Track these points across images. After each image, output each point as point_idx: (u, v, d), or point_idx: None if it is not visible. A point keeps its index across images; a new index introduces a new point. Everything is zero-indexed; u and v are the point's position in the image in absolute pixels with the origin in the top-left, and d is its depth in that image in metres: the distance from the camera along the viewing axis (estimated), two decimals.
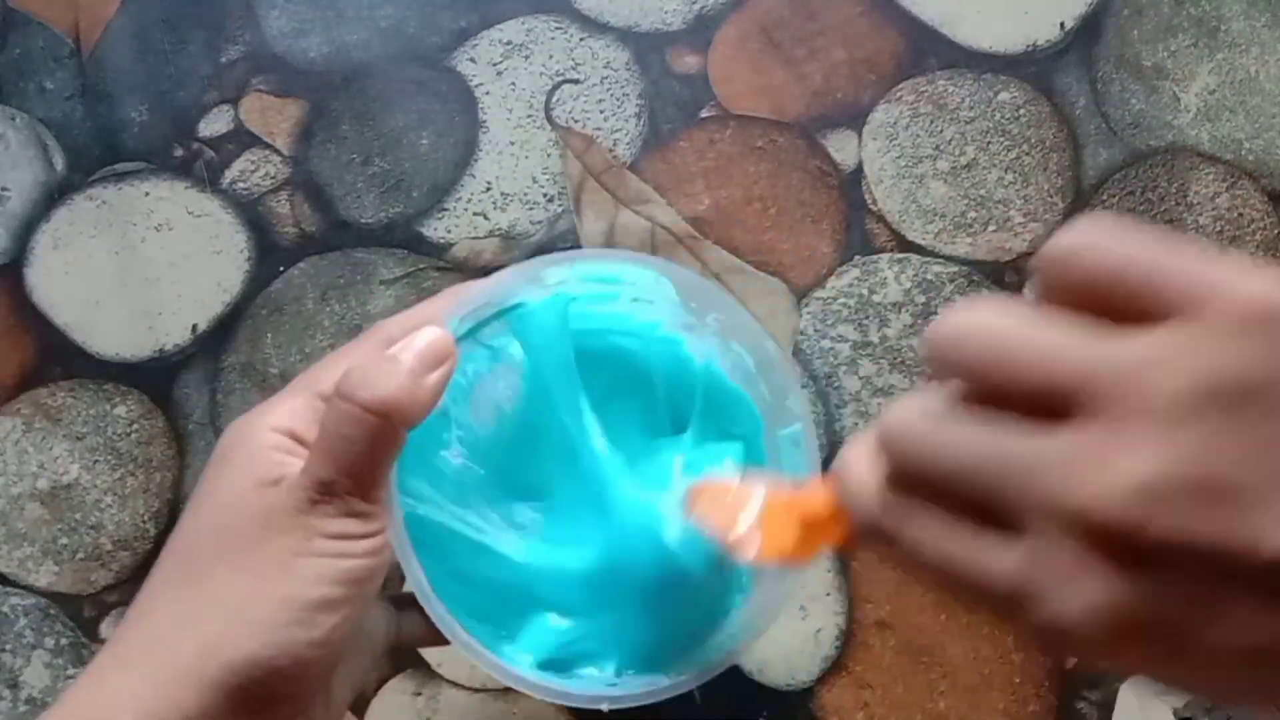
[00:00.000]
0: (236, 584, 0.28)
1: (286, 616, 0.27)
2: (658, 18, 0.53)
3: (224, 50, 0.53)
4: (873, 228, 0.51)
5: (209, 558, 0.28)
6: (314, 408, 0.30)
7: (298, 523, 0.28)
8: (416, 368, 0.29)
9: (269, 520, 0.28)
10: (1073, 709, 0.47)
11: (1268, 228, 0.52)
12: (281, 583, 0.27)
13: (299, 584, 0.28)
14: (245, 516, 0.28)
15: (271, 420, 0.30)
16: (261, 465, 0.29)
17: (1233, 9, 0.54)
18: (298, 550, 0.28)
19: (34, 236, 0.52)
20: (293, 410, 0.30)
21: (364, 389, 0.28)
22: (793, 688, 0.47)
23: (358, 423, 0.28)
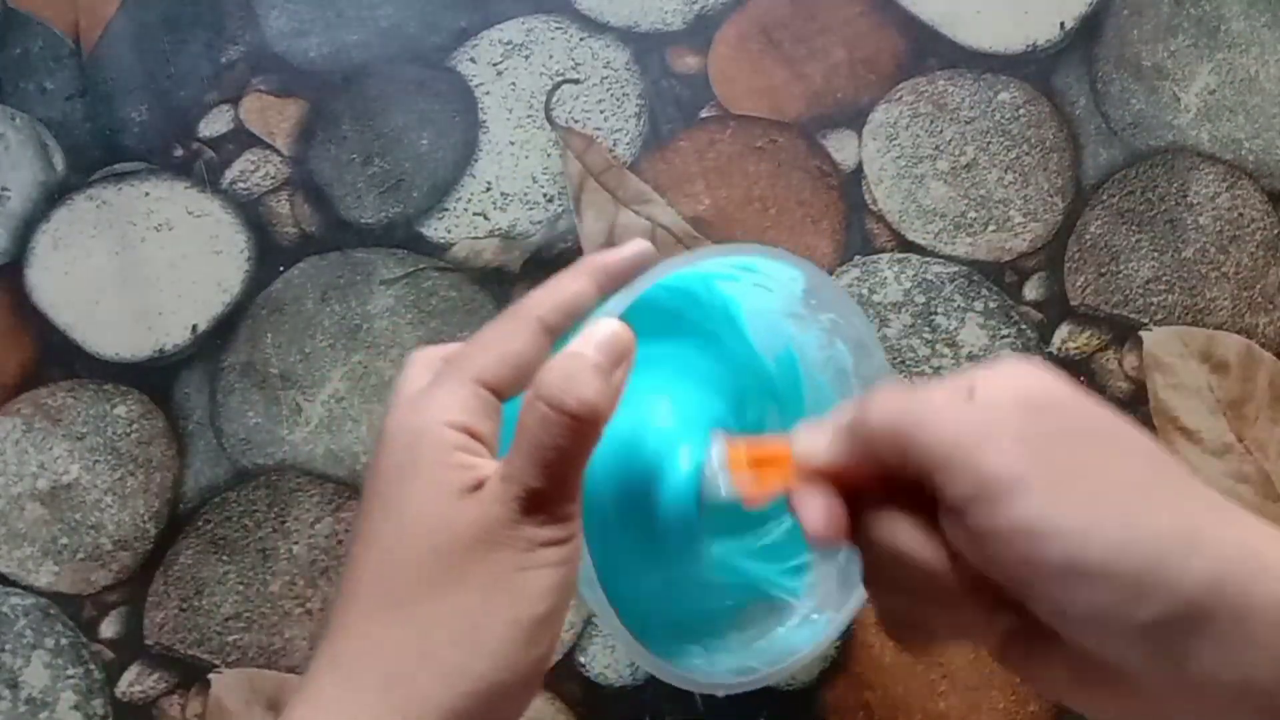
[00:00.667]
0: (463, 605, 0.27)
1: (518, 636, 0.27)
2: (658, 18, 0.53)
3: (224, 50, 0.53)
4: (873, 228, 0.51)
5: (425, 578, 0.27)
6: (481, 399, 0.29)
7: (516, 535, 0.27)
8: (605, 365, 0.28)
9: (484, 534, 0.27)
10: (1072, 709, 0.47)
11: (1268, 228, 0.52)
12: (509, 601, 0.27)
13: (526, 601, 0.27)
14: (458, 532, 0.27)
15: (444, 416, 0.28)
16: (455, 472, 0.28)
17: (1233, 9, 0.54)
18: (520, 565, 0.27)
19: (34, 236, 0.52)
20: (461, 403, 0.29)
21: (569, 395, 0.27)
22: (793, 688, 0.47)
23: (565, 430, 0.27)
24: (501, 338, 0.30)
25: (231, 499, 0.49)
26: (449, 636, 0.27)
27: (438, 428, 0.28)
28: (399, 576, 0.27)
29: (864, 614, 0.47)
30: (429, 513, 0.27)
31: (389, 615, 0.27)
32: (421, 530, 0.27)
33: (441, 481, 0.27)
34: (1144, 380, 0.50)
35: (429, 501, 0.27)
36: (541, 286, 0.32)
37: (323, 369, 0.50)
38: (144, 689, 0.47)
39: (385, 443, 0.29)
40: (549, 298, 0.31)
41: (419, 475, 0.28)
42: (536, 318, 0.30)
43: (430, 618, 0.27)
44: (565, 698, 0.47)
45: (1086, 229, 0.52)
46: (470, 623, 0.27)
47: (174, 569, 0.48)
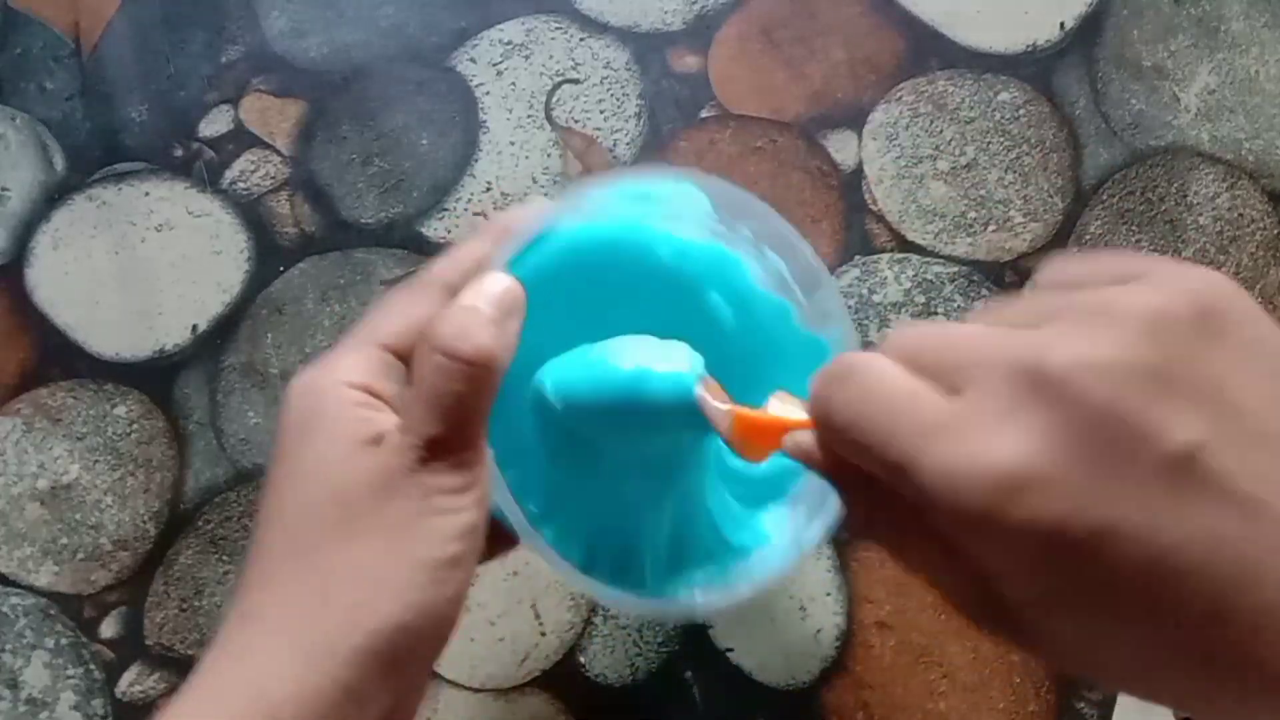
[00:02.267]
0: (367, 550, 0.27)
1: (422, 578, 0.27)
2: (658, 18, 0.53)
3: (224, 50, 0.53)
4: (873, 228, 0.51)
5: (329, 526, 0.27)
6: (382, 359, 0.30)
7: (414, 482, 0.28)
8: (497, 316, 0.29)
9: (384, 482, 0.27)
10: (1072, 709, 0.47)
11: (1268, 228, 0.52)
12: (411, 545, 0.27)
13: (429, 544, 0.27)
14: (357, 480, 0.28)
15: (344, 375, 0.29)
16: (354, 425, 0.28)
17: (1233, 9, 0.54)
18: (421, 510, 0.28)
19: (34, 236, 0.52)
20: (362, 363, 0.29)
21: (463, 342, 0.28)
22: (793, 688, 0.47)
23: (463, 376, 0.28)
24: (404, 303, 0.31)
25: (231, 499, 0.49)
26: (352, 579, 0.27)
27: (338, 387, 0.28)
28: (301, 526, 0.28)
29: (863, 613, 0.47)
30: (329, 464, 0.28)
31: (294, 564, 0.27)
32: (322, 480, 0.28)
33: (341, 434, 0.28)
34: None
35: (329, 453, 0.28)
36: (444, 253, 0.32)
37: None
38: (144, 689, 0.47)
39: (288, 402, 0.29)
40: (451, 263, 0.31)
41: (320, 430, 0.28)
42: (440, 282, 0.30)
43: (333, 563, 0.27)
44: (565, 698, 0.47)
45: (1086, 229, 0.52)
46: (372, 566, 0.27)
47: (174, 569, 0.48)
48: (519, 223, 0.33)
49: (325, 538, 0.27)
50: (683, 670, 0.47)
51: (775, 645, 0.47)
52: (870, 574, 0.48)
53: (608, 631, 0.47)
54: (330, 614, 0.27)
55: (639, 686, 0.47)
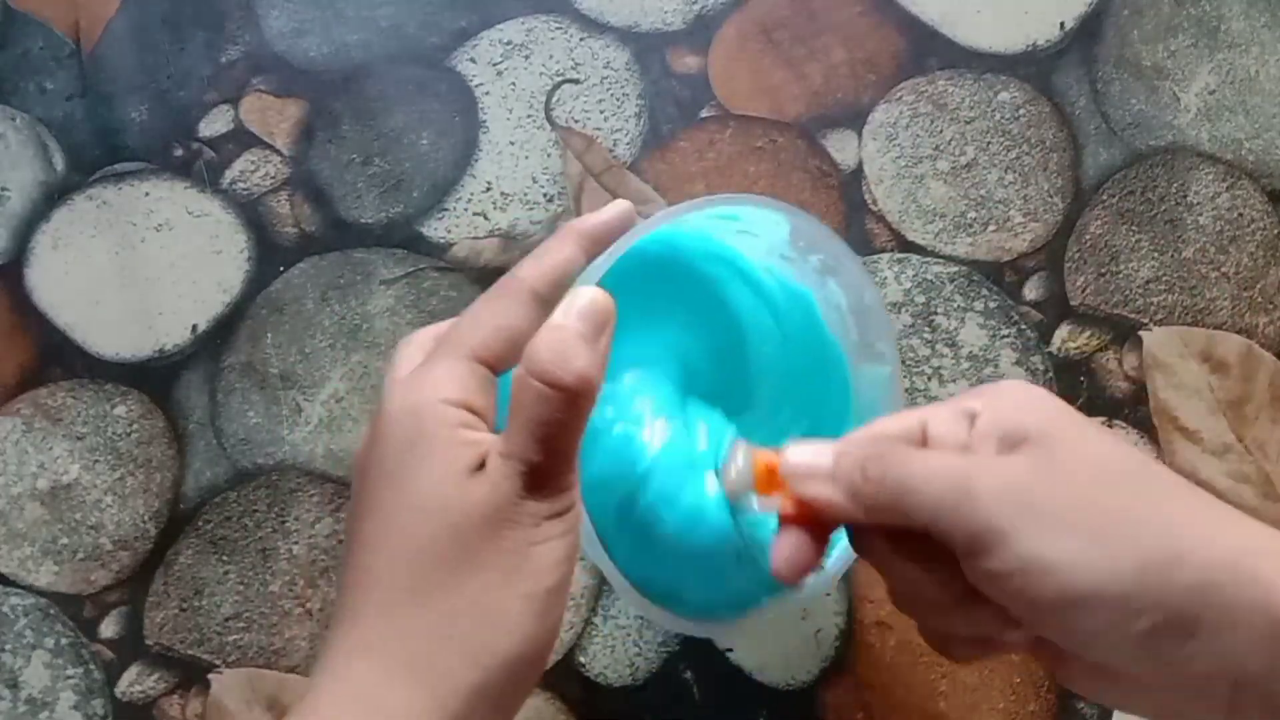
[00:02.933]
0: (481, 586, 0.28)
1: (533, 610, 0.28)
2: (658, 18, 0.53)
3: (224, 50, 0.53)
4: (873, 228, 0.51)
5: (445, 560, 0.28)
6: (477, 374, 0.29)
7: (522, 511, 0.28)
8: (590, 333, 0.29)
9: (494, 513, 0.28)
10: (1072, 709, 0.47)
11: (1268, 228, 0.52)
12: (523, 577, 0.28)
13: (537, 575, 0.28)
14: (469, 512, 0.28)
15: (443, 393, 0.29)
16: (460, 449, 0.28)
17: (1233, 9, 0.54)
18: (530, 540, 0.28)
19: (34, 236, 0.52)
20: (459, 379, 0.29)
21: (563, 370, 0.28)
22: (793, 688, 0.47)
23: (563, 404, 0.28)
24: (493, 312, 0.30)
25: (231, 499, 0.49)
26: (470, 617, 0.27)
27: (438, 406, 0.28)
28: (417, 560, 0.28)
29: (863, 614, 0.47)
30: (440, 493, 0.28)
31: (411, 598, 0.28)
32: (434, 511, 0.28)
33: (448, 460, 0.28)
34: (1144, 380, 0.50)
35: (438, 482, 0.28)
36: (529, 256, 0.32)
37: (323, 369, 0.50)
38: (144, 689, 0.47)
39: (385, 423, 0.29)
40: (536, 267, 0.31)
41: (427, 455, 0.28)
42: (528, 289, 0.31)
43: (451, 600, 0.27)
44: (565, 698, 0.47)
45: (1086, 229, 0.52)
46: (488, 602, 0.27)
47: (174, 569, 0.48)
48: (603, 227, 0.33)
49: (441, 572, 0.28)
50: (683, 670, 0.47)
51: (775, 645, 0.47)
52: (870, 574, 0.48)
53: (608, 631, 0.47)
54: (450, 653, 0.27)
55: (639, 686, 0.47)
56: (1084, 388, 0.50)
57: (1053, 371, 0.50)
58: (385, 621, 0.28)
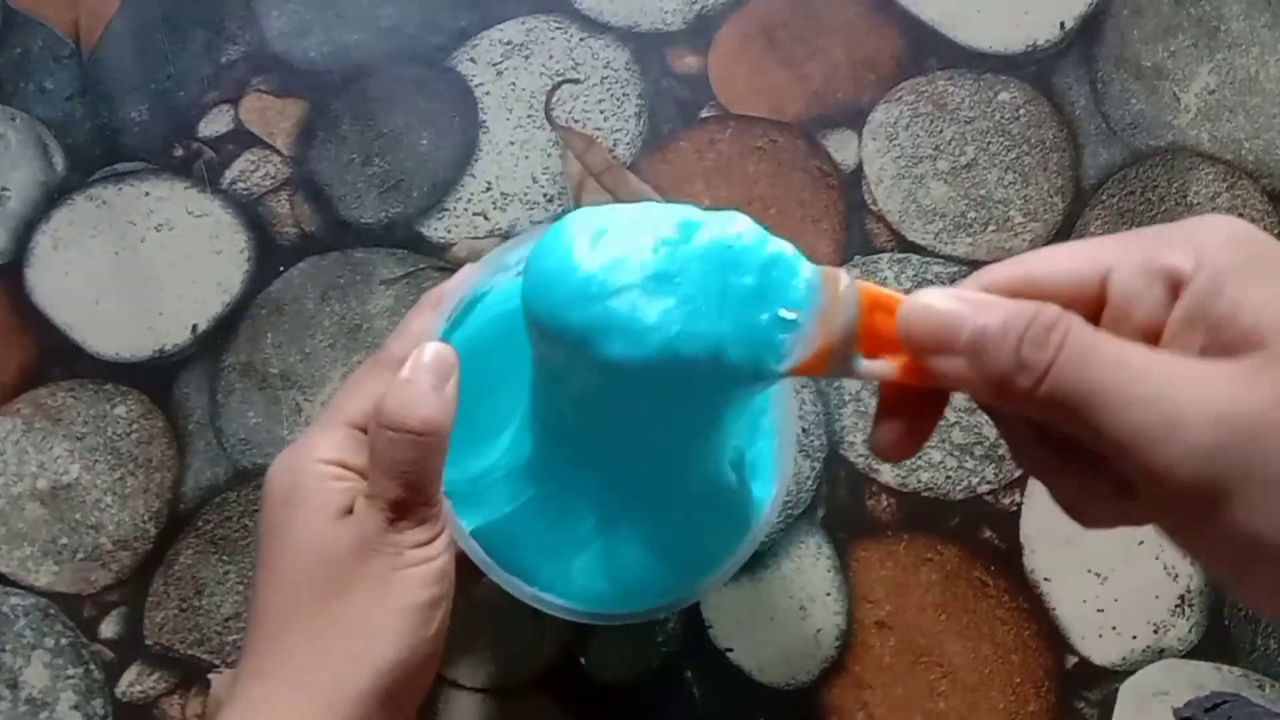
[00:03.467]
0: (356, 605, 0.31)
1: (408, 622, 0.31)
2: (658, 18, 0.53)
3: (224, 50, 0.53)
4: (873, 228, 0.51)
5: (320, 588, 0.31)
6: (351, 436, 0.33)
7: (386, 541, 0.31)
8: (435, 383, 0.32)
9: (361, 545, 0.31)
10: (1072, 709, 0.47)
11: (1268, 228, 0.52)
12: (393, 596, 0.31)
13: (407, 593, 0.31)
14: (338, 546, 0.31)
15: (318, 454, 0.33)
16: (330, 498, 0.32)
17: (1233, 9, 0.54)
18: (394, 566, 0.31)
19: (34, 236, 0.52)
20: (333, 442, 0.33)
21: (407, 415, 0.31)
22: (793, 687, 0.47)
23: (413, 445, 0.31)
24: (363, 382, 0.35)
25: (231, 499, 0.49)
26: (346, 632, 0.31)
27: (311, 463, 0.32)
28: (297, 590, 0.31)
29: (863, 613, 0.48)
30: (313, 534, 0.32)
31: (294, 624, 0.31)
32: (310, 549, 0.31)
33: (320, 508, 0.32)
34: None
35: (312, 525, 0.32)
36: (396, 330, 0.36)
37: (323, 369, 0.50)
38: (144, 689, 0.47)
39: (271, 482, 0.33)
40: (399, 340, 0.35)
41: (302, 504, 0.32)
42: (396, 360, 0.34)
43: (326, 620, 0.31)
44: (565, 698, 0.47)
45: (1087, 229, 0.52)
46: (361, 618, 0.31)
47: (174, 569, 0.48)
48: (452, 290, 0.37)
49: (319, 598, 0.31)
50: (683, 670, 0.47)
51: (775, 645, 0.47)
52: (870, 574, 0.48)
53: (608, 631, 0.47)
54: (333, 664, 0.30)
55: (639, 686, 0.47)
56: None
57: None
58: (272, 648, 0.31)
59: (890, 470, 0.49)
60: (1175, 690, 0.47)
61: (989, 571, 0.48)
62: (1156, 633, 0.47)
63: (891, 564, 0.48)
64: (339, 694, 0.30)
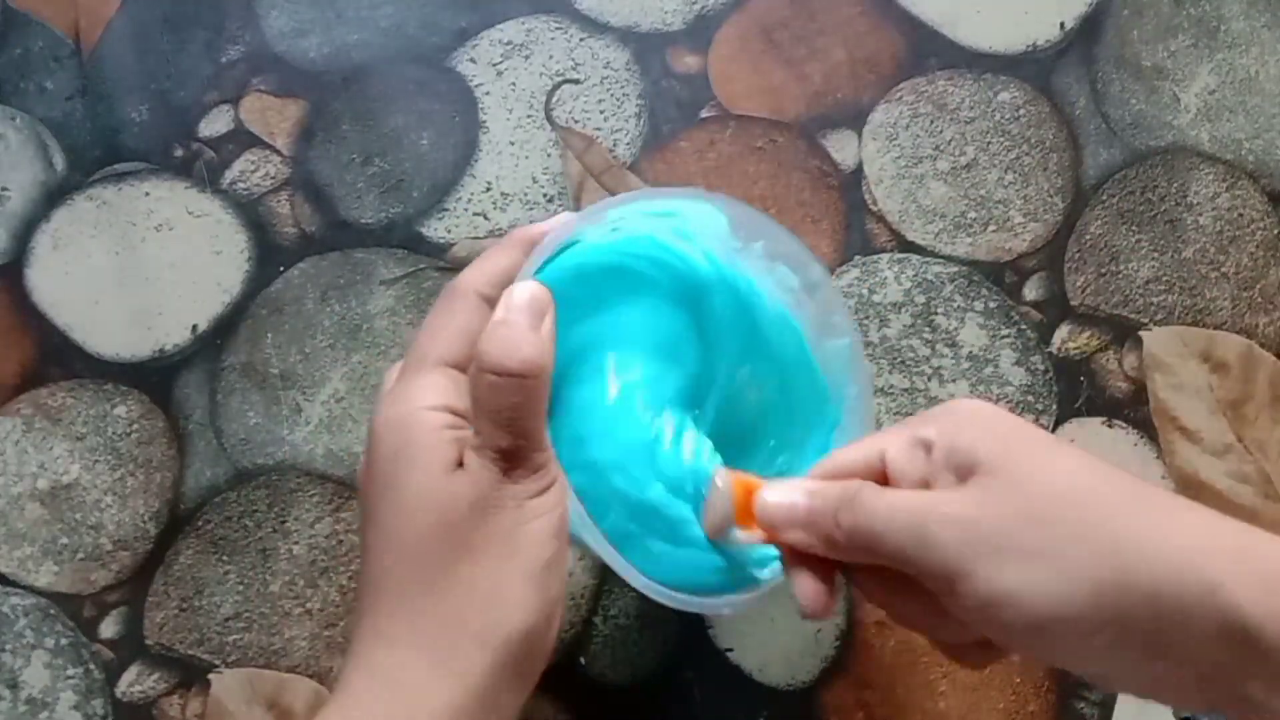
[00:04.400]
0: (480, 571, 0.30)
1: (532, 584, 0.30)
2: (658, 18, 0.53)
3: (224, 50, 0.53)
4: (873, 228, 0.51)
5: (441, 549, 0.30)
6: (453, 379, 0.32)
7: (505, 495, 0.30)
8: (532, 322, 0.31)
9: (479, 501, 0.30)
10: (1072, 709, 0.47)
11: (1268, 228, 0.52)
12: (517, 557, 0.30)
13: (530, 553, 0.30)
14: (456, 504, 0.30)
15: (424, 401, 0.31)
16: (442, 449, 0.30)
17: (1233, 9, 0.54)
18: (517, 521, 0.30)
19: (34, 236, 0.52)
20: (437, 387, 0.32)
21: (508, 358, 0.30)
22: (793, 687, 0.47)
23: (516, 389, 0.30)
24: (450, 319, 0.33)
25: (231, 499, 0.49)
26: (475, 601, 0.30)
27: (420, 412, 0.31)
28: (418, 551, 0.30)
29: (863, 614, 0.47)
30: (430, 491, 0.30)
31: (418, 590, 0.30)
32: (428, 508, 0.30)
33: (432, 461, 0.30)
34: (1144, 380, 0.50)
35: (424, 483, 0.30)
36: (473, 263, 0.34)
37: (323, 369, 0.50)
38: (144, 689, 0.47)
39: (376, 437, 0.32)
40: (481, 273, 0.34)
41: (413, 459, 0.30)
42: (474, 292, 0.33)
43: (454, 587, 0.30)
44: (565, 698, 0.47)
45: (1086, 229, 0.52)
46: (489, 585, 0.30)
47: (174, 569, 0.48)
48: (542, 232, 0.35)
49: (444, 561, 0.30)
50: (683, 670, 0.47)
51: (775, 645, 0.47)
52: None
53: (608, 631, 0.47)
54: (461, 636, 0.30)
55: (639, 686, 0.47)
56: (1084, 387, 0.50)
57: (1052, 371, 0.50)
58: (398, 614, 0.30)
59: None
60: None
61: None
62: None
63: None
64: (468, 663, 0.29)
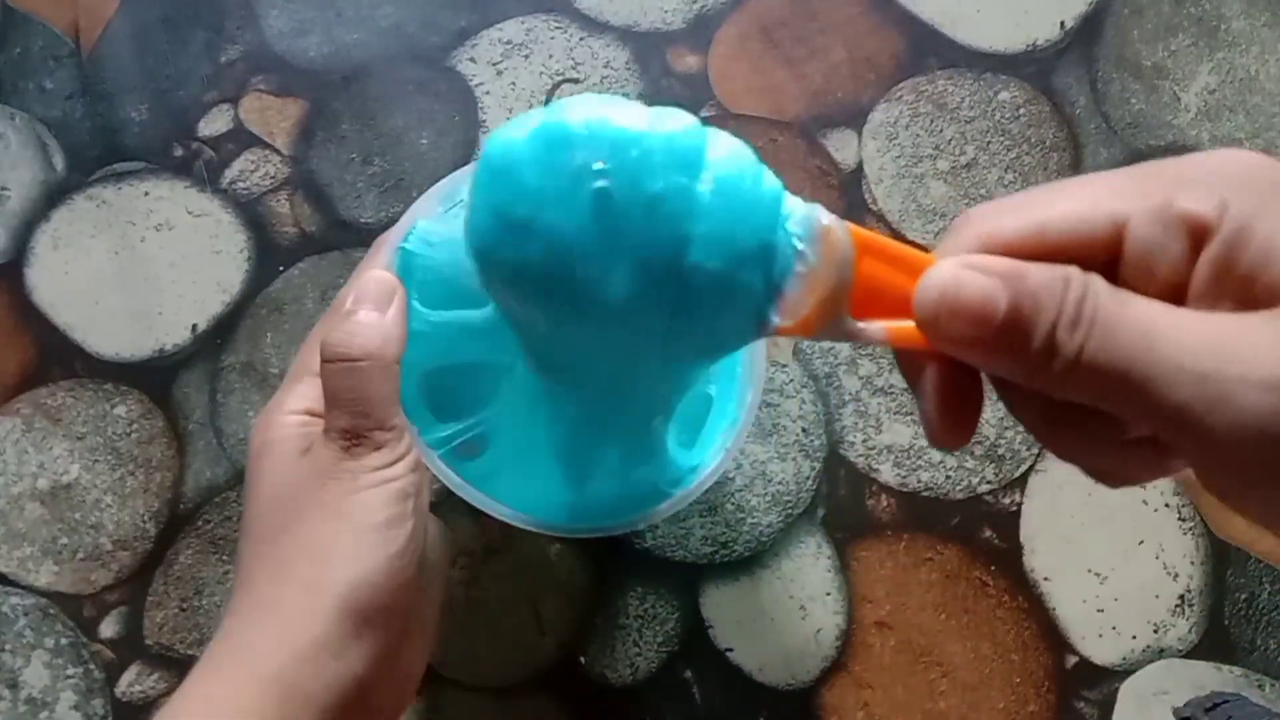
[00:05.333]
0: (311, 532, 0.31)
1: (366, 541, 0.31)
2: (658, 17, 0.53)
3: (224, 50, 0.53)
4: (873, 227, 0.51)
5: (282, 523, 0.32)
6: (315, 385, 0.34)
7: (342, 469, 0.32)
8: (375, 308, 0.33)
9: (317, 475, 0.32)
10: (1072, 709, 0.47)
11: None
12: (350, 518, 0.31)
13: (364, 514, 0.32)
14: (298, 482, 0.32)
15: (287, 406, 0.34)
16: (293, 441, 0.33)
17: (1233, 9, 0.54)
18: (350, 489, 0.32)
19: (34, 236, 0.52)
20: (298, 393, 0.34)
21: (344, 345, 0.32)
22: (793, 688, 0.47)
23: (354, 372, 0.32)
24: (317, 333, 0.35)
25: (231, 499, 0.49)
26: (304, 556, 0.31)
27: (281, 415, 0.34)
28: (261, 530, 0.32)
29: (863, 613, 0.47)
30: (276, 476, 0.33)
31: (258, 559, 0.32)
32: (270, 489, 0.33)
33: (283, 451, 0.33)
34: None
35: (275, 467, 0.33)
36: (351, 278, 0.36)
37: None
38: (144, 689, 0.47)
39: (251, 444, 0.34)
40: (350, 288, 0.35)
41: (269, 453, 0.33)
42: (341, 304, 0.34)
43: (287, 548, 0.32)
44: (565, 698, 0.47)
45: None
46: (319, 542, 0.31)
47: (174, 569, 0.48)
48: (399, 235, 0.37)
49: (277, 531, 0.32)
50: (683, 670, 0.47)
51: (775, 645, 0.47)
52: (870, 574, 0.48)
53: (608, 631, 0.47)
54: (293, 586, 0.31)
55: (639, 686, 0.47)
56: None
57: None
58: (242, 581, 0.32)
59: (890, 470, 0.49)
60: (1175, 690, 0.47)
61: (989, 571, 0.48)
62: (1156, 633, 0.47)
63: (891, 564, 0.48)
64: (301, 612, 0.30)
